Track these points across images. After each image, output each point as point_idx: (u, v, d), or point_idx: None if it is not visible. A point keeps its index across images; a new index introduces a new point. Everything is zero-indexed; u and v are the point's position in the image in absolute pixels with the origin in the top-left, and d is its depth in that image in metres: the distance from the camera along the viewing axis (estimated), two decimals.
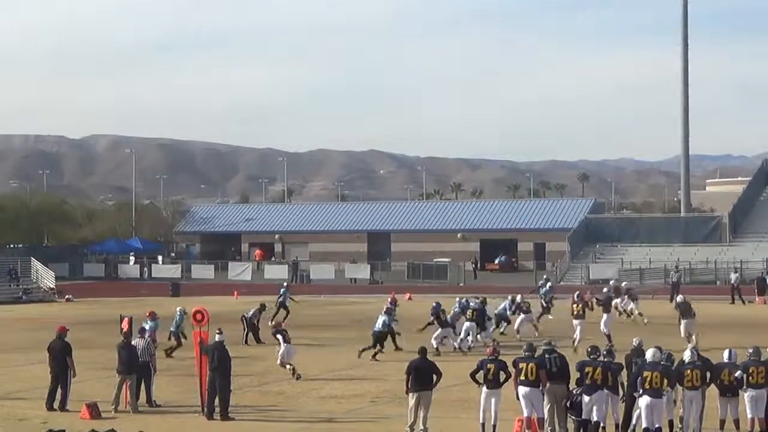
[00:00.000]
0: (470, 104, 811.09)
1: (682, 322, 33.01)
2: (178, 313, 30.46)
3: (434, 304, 32.50)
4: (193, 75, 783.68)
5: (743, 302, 49.67)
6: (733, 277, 52.89)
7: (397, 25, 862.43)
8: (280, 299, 40.07)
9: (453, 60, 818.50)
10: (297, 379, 24.88)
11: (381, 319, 30.25)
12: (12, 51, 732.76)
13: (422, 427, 18.00)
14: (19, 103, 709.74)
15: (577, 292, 34.72)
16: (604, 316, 34.21)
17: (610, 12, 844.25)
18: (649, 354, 17.19)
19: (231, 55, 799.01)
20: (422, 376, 18.24)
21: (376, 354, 29.38)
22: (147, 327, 27.33)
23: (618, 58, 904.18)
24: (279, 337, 26.04)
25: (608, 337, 30.71)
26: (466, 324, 31.68)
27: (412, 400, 18.15)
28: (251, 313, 33.45)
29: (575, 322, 31.94)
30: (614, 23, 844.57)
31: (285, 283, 45.58)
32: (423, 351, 18.81)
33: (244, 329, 33.22)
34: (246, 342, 32.77)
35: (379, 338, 29.78)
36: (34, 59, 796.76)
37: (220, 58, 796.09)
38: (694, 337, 31.79)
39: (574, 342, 29.99)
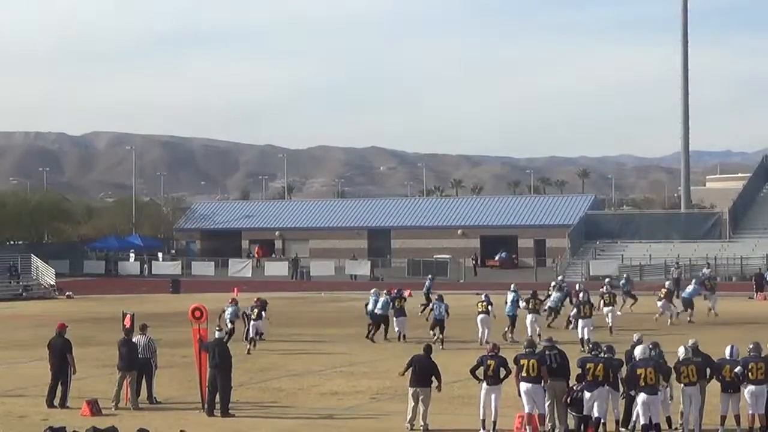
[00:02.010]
0: (470, 101, 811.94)
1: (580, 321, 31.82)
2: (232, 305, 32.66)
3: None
4: (194, 72, 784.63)
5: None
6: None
7: (397, 21, 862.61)
8: (425, 291, 44.97)
9: (453, 56, 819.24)
10: (248, 353, 28.75)
11: (381, 302, 33.08)
12: (13, 49, 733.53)
13: (422, 423, 18.02)
14: (20, 100, 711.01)
15: (703, 279, 40.83)
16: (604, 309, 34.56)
17: (610, 8, 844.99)
18: (638, 351, 17.26)
19: (231, 52, 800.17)
20: (421, 373, 18.30)
21: (389, 335, 32.49)
22: (228, 312, 31.47)
23: (618, 54, 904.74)
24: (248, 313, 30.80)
25: (587, 340, 28.86)
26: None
27: (411, 395, 18.20)
28: (252, 309, 33.39)
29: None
30: (614, 20, 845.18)
31: (429, 276, 51.44)
32: (428, 349, 18.83)
33: (245, 326, 33.17)
34: (246, 339, 32.72)
35: (380, 319, 32.58)
36: (35, 57, 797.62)
37: (220, 55, 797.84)
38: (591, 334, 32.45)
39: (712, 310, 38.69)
